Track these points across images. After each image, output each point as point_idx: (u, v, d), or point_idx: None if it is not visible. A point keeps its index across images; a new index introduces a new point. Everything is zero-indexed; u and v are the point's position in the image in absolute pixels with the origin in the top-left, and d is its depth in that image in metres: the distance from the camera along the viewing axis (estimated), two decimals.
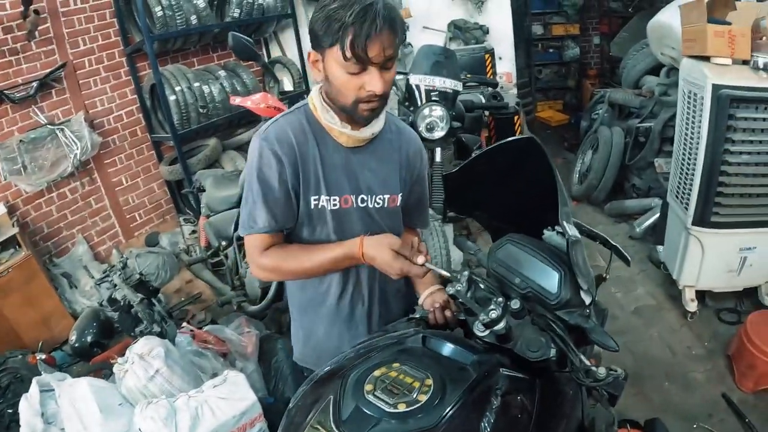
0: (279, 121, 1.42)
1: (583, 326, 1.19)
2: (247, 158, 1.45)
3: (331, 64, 1.27)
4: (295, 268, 1.44)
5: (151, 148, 4.80)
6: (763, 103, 2.78)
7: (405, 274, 1.31)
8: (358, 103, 1.30)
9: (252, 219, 1.41)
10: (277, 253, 1.44)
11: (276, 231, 1.43)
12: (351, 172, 1.45)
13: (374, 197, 1.50)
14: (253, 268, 1.49)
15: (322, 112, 1.39)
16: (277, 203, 1.40)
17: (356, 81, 1.27)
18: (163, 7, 4.08)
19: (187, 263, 3.60)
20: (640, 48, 5.27)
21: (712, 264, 3.16)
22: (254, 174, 1.38)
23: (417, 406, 0.99)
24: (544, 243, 1.39)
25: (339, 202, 1.45)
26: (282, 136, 1.38)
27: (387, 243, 1.31)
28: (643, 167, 4.70)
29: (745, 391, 2.82)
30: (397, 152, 1.53)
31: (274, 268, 1.46)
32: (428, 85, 2.75)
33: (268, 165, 1.37)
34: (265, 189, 1.38)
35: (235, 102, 3.07)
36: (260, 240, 1.43)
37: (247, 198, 1.42)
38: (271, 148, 1.36)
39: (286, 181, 1.39)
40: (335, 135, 1.42)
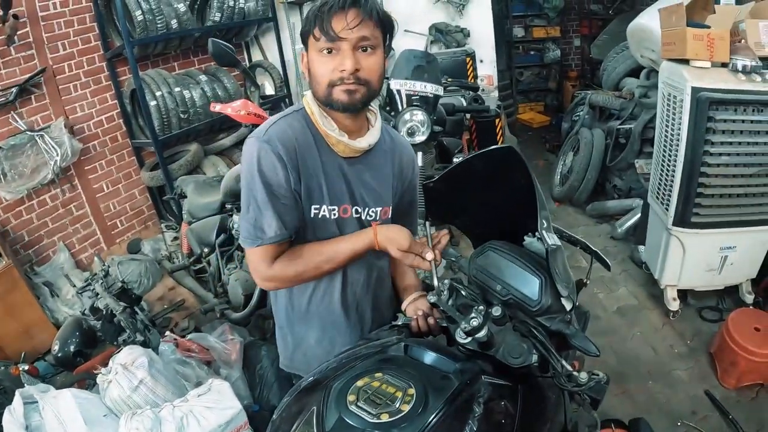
0: (279, 122, 1.36)
1: (564, 332, 1.20)
2: (243, 161, 1.36)
3: (311, 54, 1.30)
4: (310, 273, 1.40)
5: (132, 154, 4.75)
6: (741, 105, 2.82)
7: (415, 267, 1.33)
8: (332, 86, 1.29)
9: (259, 229, 1.33)
10: (287, 261, 1.37)
11: (286, 239, 1.37)
12: (348, 183, 1.43)
13: (368, 209, 1.48)
14: (260, 282, 1.42)
15: (320, 118, 1.36)
16: (284, 208, 1.33)
17: (329, 63, 1.27)
18: (143, 12, 4.04)
19: (169, 270, 3.58)
20: (620, 50, 5.33)
21: (693, 263, 3.20)
22: (256, 179, 1.30)
23: (400, 416, 0.99)
24: (524, 250, 1.39)
25: (338, 212, 1.43)
26: (284, 138, 1.32)
27: (398, 238, 1.33)
28: (623, 168, 4.75)
29: (728, 388, 2.85)
30: (390, 163, 1.52)
31: (286, 277, 1.40)
32: (409, 89, 2.75)
33: (272, 168, 1.30)
34: (272, 194, 1.31)
35: (215, 109, 3.04)
36: (269, 251, 1.36)
37: (249, 206, 1.34)
38: (275, 151, 1.30)
39: (291, 186, 1.33)
40: (332, 143, 1.38)
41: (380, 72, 1.35)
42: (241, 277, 2.88)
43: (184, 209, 3.41)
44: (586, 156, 4.88)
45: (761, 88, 2.79)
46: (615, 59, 5.34)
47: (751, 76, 2.81)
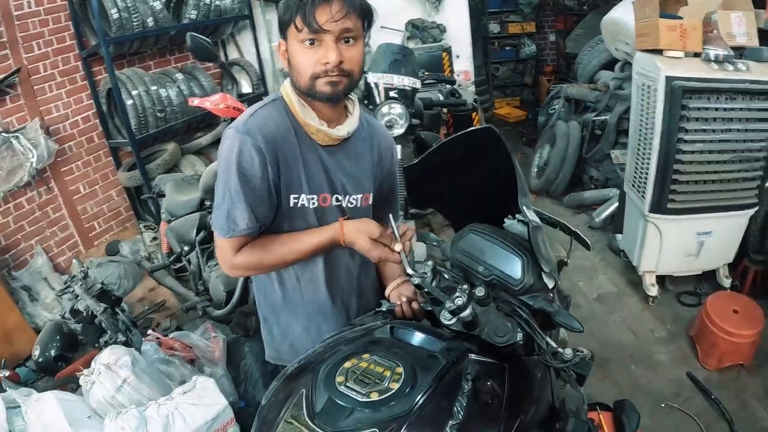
0: (258, 113, 1.36)
1: (548, 310, 1.21)
2: (220, 151, 1.35)
3: (292, 44, 1.29)
4: (274, 262, 1.41)
5: (109, 155, 4.68)
6: (714, 93, 2.90)
7: (383, 259, 1.32)
8: (315, 78, 1.29)
9: (231, 220, 1.33)
10: (252, 251, 1.38)
11: (256, 231, 1.38)
12: (327, 171, 1.43)
13: (348, 197, 1.49)
14: (226, 269, 1.43)
15: (299, 107, 1.36)
16: (258, 201, 1.34)
17: (312, 55, 1.27)
18: (119, 10, 3.99)
19: (149, 270, 3.53)
20: (594, 44, 5.42)
21: (671, 249, 3.27)
22: (233, 170, 1.30)
23: (389, 394, 1.00)
24: (505, 231, 1.41)
25: (318, 201, 1.43)
26: (264, 130, 1.32)
27: (366, 230, 1.32)
28: (599, 159, 4.83)
29: (709, 369, 2.93)
30: (369, 150, 1.53)
31: (250, 266, 1.41)
32: (387, 83, 2.77)
33: (249, 160, 1.30)
34: (246, 187, 1.31)
35: (194, 103, 3.02)
36: (238, 242, 1.37)
37: (223, 196, 1.34)
38: (254, 143, 1.29)
39: (268, 178, 1.33)
40: (311, 132, 1.38)
41: (362, 63, 1.36)
42: (222, 274, 2.86)
43: (163, 208, 3.38)
44: (563, 148, 4.95)
45: (733, 77, 2.87)
46: (590, 53, 5.43)
47: (723, 66, 2.89)
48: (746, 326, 2.81)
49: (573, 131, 4.98)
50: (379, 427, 0.95)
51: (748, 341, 2.83)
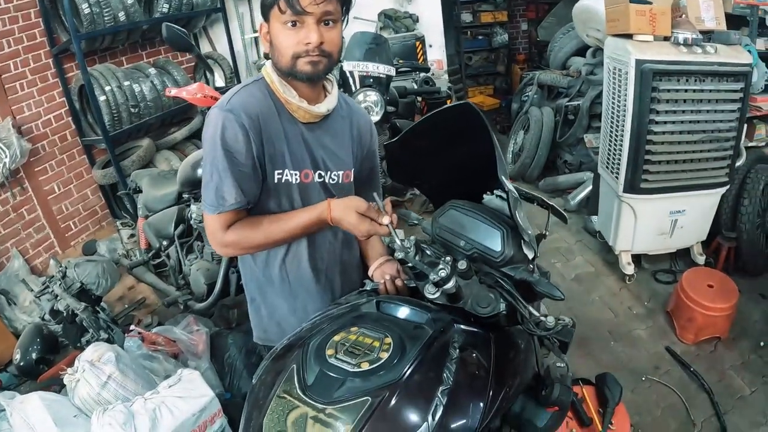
0: (240, 92, 1.39)
1: (529, 280, 1.24)
2: (205, 131, 1.38)
3: (274, 27, 1.31)
4: (262, 241, 1.42)
5: (83, 153, 4.60)
6: (684, 75, 2.97)
7: (372, 234, 1.33)
8: (296, 58, 1.32)
9: (220, 196, 1.35)
10: (242, 228, 1.40)
11: (245, 207, 1.40)
12: (308, 148, 1.46)
13: (330, 173, 1.51)
14: (216, 247, 1.45)
15: (280, 86, 1.38)
16: (245, 177, 1.36)
17: (294, 36, 1.30)
18: (90, 5, 3.93)
19: (128, 267, 3.49)
20: (566, 31, 5.49)
21: (645, 228, 3.35)
22: (218, 147, 1.32)
23: (379, 364, 1.03)
24: (485, 206, 1.45)
25: (300, 176, 1.45)
26: (247, 107, 1.34)
27: (353, 206, 1.33)
28: (573, 144, 4.92)
29: (687, 343, 3.02)
30: (348, 128, 1.56)
31: (240, 244, 1.42)
32: (362, 71, 2.79)
33: (233, 137, 1.32)
34: (233, 163, 1.33)
35: (171, 93, 3.00)
36: (227, 218, 1.38)
37: (211, 174, 1.36)
38: (238, 120, 1.32)
39: (253, 154, 1.35)
40: (292, 110, 1.41)
41: (340, 45, 1.40)
42: (203, 267, 2.84)
43: (140, 204, 3.34)
44: (537, 134, 5.02)
45: (702, 59, 2.95)
46: (561, 40, 5.49)
47: (692, 49, 2.97)
48: (721, 300, 2.89)
49: (546, 117, 5.05)
50: (372, 395, 0.98)
51: (724, 315, 2.91)
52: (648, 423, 2.53)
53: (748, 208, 3.33)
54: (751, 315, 3.20)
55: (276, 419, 1.02)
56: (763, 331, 3.07)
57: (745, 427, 2.49)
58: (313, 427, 0.97)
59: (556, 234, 4.25)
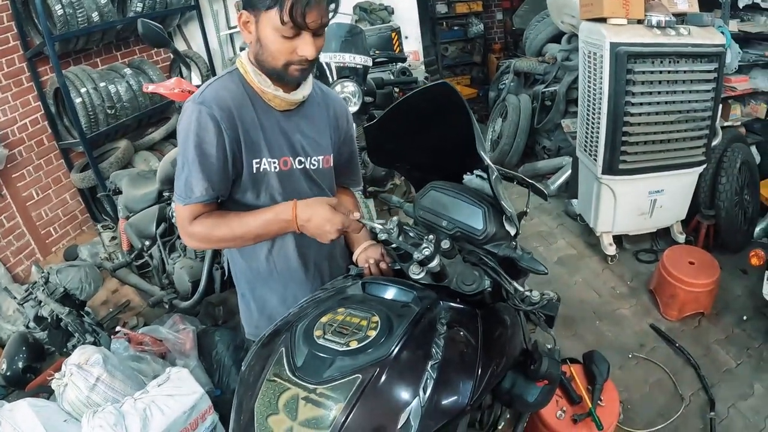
0: (214, 84, 1.39)
1: (512, 256, 1.26)
2: (179, 123, 1.37)
3: (265, 27, 1.28)
4: (226, 235, 1.40)
5: (60, 157, 4.53)
6: (658, 57, 3.02)
7: (344, 229, 1.32)
8: (288, 65, 1.32)
9: (189, 188, 1.36)
10: (208, 221, 1.39)
11: (212, 200, 1.39)
12: (286, 135, 1.46)
13: (310, 159, 1.51)
14: (184, 237, 1.44)
15: (255, 76, 1.38)
16: (214, 171, 1.36)
17: (289, 45, 1.28)
18: (63, 6, 3.86)
19: (111, 270, 3.45)
20: (541, 19, 5.51)
21: (625, 209, 3.40)
22: (190, 140, 1.33)
23: (368, 342, 1.04)
24: (465, 186, 1.46)
25: (279, 164, 1.45)
26: (220, 99, 1.34)
27: (325, 200, 1.33)
28: (551, 129, 4.97)
29: (671, 320, 3.07)
30: (325, 114, 1.56)
31: (205, 236, 1.40)
32: (339, 61, 2.79)
33: (205, 129, 1.32)
34: (202, 156, 1.33)
35: (149, 89, 2.98)
36: (194, 209, 1.38)
37: (183, 166, 1.36)
38: (209, 112, 1.32)
39: (224, 147, 1.35)
40: (268, 98, 1.41)
41: None
42: (186, 265, 2.82)
43: (120, 205, 3.30)
44: (514, 120, 5.06)
45: (676, 41, 3.00)
46: (536, 27, 5.52)
47: (665, 31, 3.01)
48: (703, 276, 2.94)
49: (524, 104, 5.10)
50: (362, 372, 0.99)
51: (706, 290, 2.96)
52: (637, 399, 2.57)
53: (725, 186, 3.40)
54: (733, 290, 3.27)
55: (267, 402, 1.02)
56: (746, 306, 3.13)
57: (732, 399, 2.54)
58: (305, 408, 0.98)
59: (537, 218, 4.30)
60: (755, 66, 4.05)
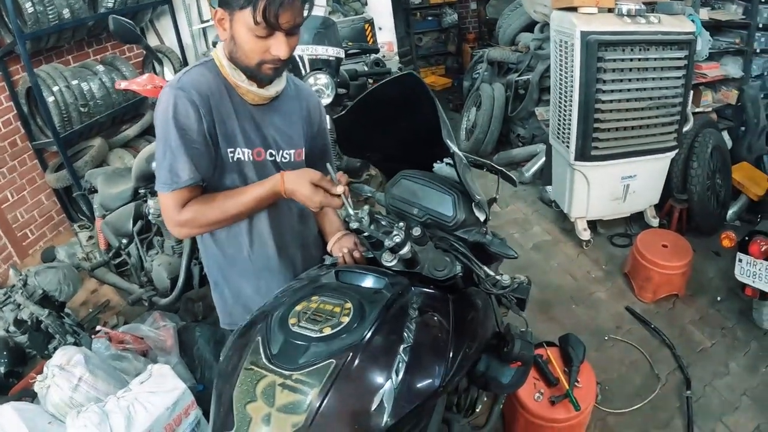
0: (191, 71, 1.39)
1: (482, 241, 1.29)
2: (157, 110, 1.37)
3: (239, 26, 1.28)
4: (218, 217, 1.41)
5: (34, 157, 4.46)
6: (628, 45, 3.07)
7: (325, 205, 1.34)
8: (262, 64, 1.34)
9: (174, 173, 1.35)
10: (196, 206, 1.39)
11: (199, 183, 1.39)
12: (259, 128, 1.47)
13: (282, 152, 1.53)
14: (172, 227, 1.43)
15: (230, 70, 1.39)
16: (198, 153, 1.36)
17: (262, 44, 1.29)
18: (33, 3, 3.80)
19: (89, 270, 3.43)
20: (514, 8, 5.58)
21: (598, 194, 3.46)
22: (171, 124, 1.32)
23: (341, 327, 1.06)
24: (435, 174, 1.49)
25: (253, 155, 1.47)
26: (198, 85, 1.35)
27: (307, 177, 1.33)
28: (525, 117, 5.04)
29: (645, 302, 3.14)
30: (298, 107, 1.57)
31: (195, 221, 1.40)
32: (311, 54, 2.79)
33: (185, 114, 1.33)
34: (185, 139, 1.33)
35: (121, 86, 2.96)
36: (182, 196, 1.38)
37: (164, 153, 1.35)
38: (188, 97, 1.32)
39: (204, 131, 1.36)
40: (242, 92, 1.42)
41: None
42: (164, 261, 2.82)
43: (96, 203, 3.27)
44: (489, 109, 5.10)
45: (646, 29, 3.05)
46: (509, 16, 5.57)
47: (636, 19, 3.07)
48: (676, 258, 3.01)
49: (497, 92, 5.14)
50: (336, 357, 1.01)
51: (679, 272, 3.03)
52: (614, 379, 2.63)
53: (697, 171, 3.47)
54: (706, 272, 3.35)
55: (246, 390, 1.04)
56: (719, 287, 3.21)
57: (708, 377, 2.61)
58: (281, 394, 1.00)
59: (513, 205, 4.35)
60: (726, 53, 4.15)
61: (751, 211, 3.77)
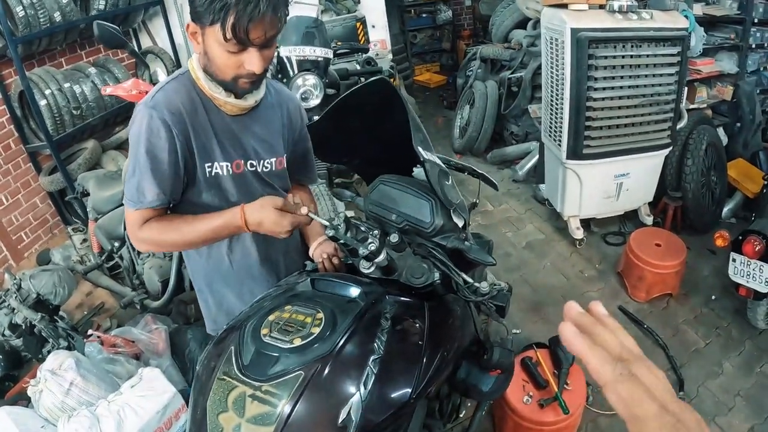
0: (165, 87, 1.37)
1: (460, 247, 1.28)
2: (130, 127, 1.37)
3: (211, 42, 1.26)
4: (176, 240, 1.39)
5: (28, 161, 4.44)
6: (620, 41, 3.05)
7: (294, 227, 1.32)
8: (237, 78, 1.31)
9: (140, 193, 1.35)
10: (157, 226, 1.38)
11: (164, 205, 1.39)
12: (237, 139, 1.45)
13: (262, 162, 1.51)
14: (134, 242, 1.43)
15: (206, 82, 1.36)
16: (165, 176, 1.35)
17: (235, 59, 1.27)
18: (24, 7, 3.79)
19: (82, 273, 3.44)
20: (506, 5, 5.57)
21: (591, 193, 3.44)
22: (142, 145, 1.31)
23: (311, 338, 1.06)
24: (414, 179, 1.48)
25: (232, 167, 1.45)
26: (171, 104, 1.33)
27: (270, 203, 1.31)
28: (518, 115, 5.01)
29: (639, 302, 3.13)
30: (278, 114, 1.55)
31: (154, 241, 1.40)
32: (299, 55, 2.78)
33: (156, 135, 1.31)
34: (154, 161, 1.32)
35: (107, 92, 2.95)
36: (144, 214, 1.37)
37: (134, 170, 1.35)
38: (161, 117, 1.31)
39: (176, 151, 1.34)
40: (219, 104, 1.40)
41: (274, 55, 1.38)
42: (155, 264, 2.82)
43: (89, 207, 3.28)
44: (482, 107, 5.09)
45: (638, 26, 3.03)
46: (502, 14, 5.56)
47: (627, 15, 3.05)
48: (669, 258, 3.00)
49: (491, 90, 5.12)
50: (304, 369, 1.01)
51: (672, 272, 3.02)
52: None
53: (691, 168, 3.45)
54: (701, 270, 3.33)
55: (218, 401, 1.04)
56: (714, 286, 3.19)
57: (701, 378, 2.60)
58: (251, 405, 1.00)
59: (506, 204, 4.33)
60: (721, 49, 4.13)
61: (746, 208, 3.75)
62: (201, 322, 3.08)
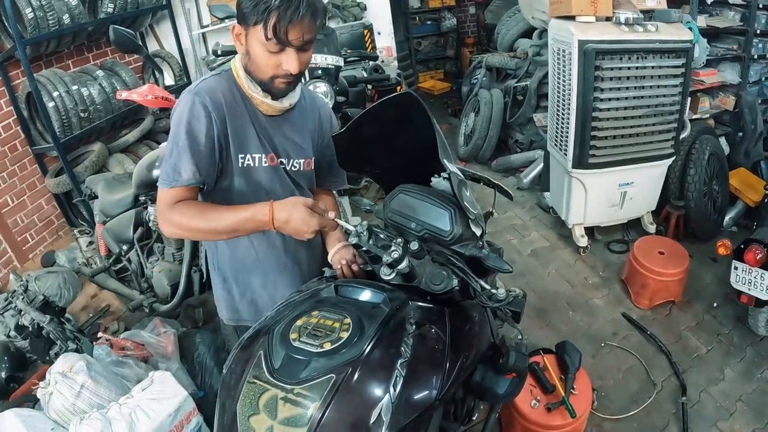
0: (208, 79, 1.47)
1: (478, 255, 1.32)
2: (173, 112, 1.44)
3: (253, 41, 1.36)
4: (201, 226, 1.40)
5: (34, 162, 4.47)
6: (626, 53, 3.09)
7: (321, 227, 1.35)
8: (274, 78, 1.41)
9: (176, 171, 1.40)
10: (186, 209, 1.41)
11: (198, 184, 1.43)
12: (271, 138, 1.54)
13: (292, 161, 1.60)
14: (162, 223, 1.44)
15: (246, 81, 1.46)
16: (202, 155, 1.41)
17: (275, 59, 1.37)
18: (33, 9, 3.81)
19: (89, 275, 3.44)
20: (512, 14, 5.61)
21: (596, 201, 3.49)
22: (182, 126, 1.39)
23: (341, 343, 1.09)
24: (433, 189, 1.52)
25: (267, 160, 1.53)
26: (213, 93, 1.42)
27: (300, 201, 1.35)
28: (523, 123, 5.06)
29: (642, 308, 3.17)
30: (311, 118, 1.65)
31: (182, 224, 1.41)
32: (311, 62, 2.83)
33: (197, 117, 1.39)
34: (193, 141, 1.39)
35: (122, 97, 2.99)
36: (178, 193, 1.41)
37: (171, 151, 1.41)
38: (202, 102, 1.39)
39: (213, 137, 1.41)
40: (257, 103, 1.49)
41: None
42: (165, 268, 2.84)
43: (96, 210, 3.29)
44: (487, 115, 5.14)
45: (643, 38, 3.07)
46: (508, 23, 5.60)
47: (633, 28, 3.09)
48: (672, 265, 3.04)
49: (496, 98, 5.17)
50: (335, 372, 1.04)
51: (675, 279, 3.06)
52: (610, 386, 2.66)
53: (694, 178, 3.49)
54: (703, 278, 3.37)
55: (249, 403, 1.07)
56: (716, 293, 3.23)
57: (703, 383, 2.64)
58: (284, 407, 1.03)
59: (511, 212, 4.37)
60: (723, 59, 4.18)
61: (748, 216, 3.79)
62: (210, 325, 3.13)
